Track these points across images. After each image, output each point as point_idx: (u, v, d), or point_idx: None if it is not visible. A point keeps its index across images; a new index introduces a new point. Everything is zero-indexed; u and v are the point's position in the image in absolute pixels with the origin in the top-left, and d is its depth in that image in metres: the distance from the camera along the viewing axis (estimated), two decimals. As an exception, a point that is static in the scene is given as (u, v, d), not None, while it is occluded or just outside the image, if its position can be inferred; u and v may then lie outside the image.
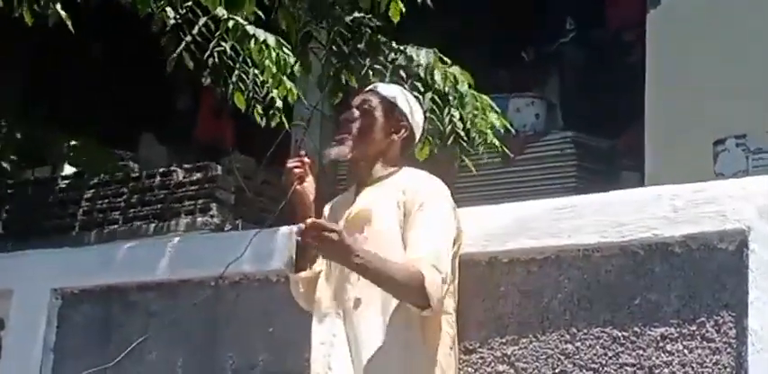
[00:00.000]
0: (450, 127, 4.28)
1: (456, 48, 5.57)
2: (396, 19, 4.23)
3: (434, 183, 3.23)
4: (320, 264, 3.32)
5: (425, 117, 4.22)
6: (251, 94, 4.02)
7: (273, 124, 4.11)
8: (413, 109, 3.35)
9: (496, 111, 4.45)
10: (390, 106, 3.30)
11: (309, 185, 3.33)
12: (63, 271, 4.60)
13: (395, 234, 3.15)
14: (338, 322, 3.19)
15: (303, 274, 3.33)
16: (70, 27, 3.93)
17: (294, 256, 3.37)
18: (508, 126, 4.40)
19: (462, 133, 4.29)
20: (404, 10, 4.26)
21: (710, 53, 5.64)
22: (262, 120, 4.09)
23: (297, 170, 3.31)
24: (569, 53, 7.29)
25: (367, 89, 3.41)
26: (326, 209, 3.43)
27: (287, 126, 4.12)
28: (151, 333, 4.18)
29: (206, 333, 4.08)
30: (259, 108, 4.02)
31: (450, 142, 4.29)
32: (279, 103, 4.00)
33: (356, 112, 3.29)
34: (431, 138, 4.29)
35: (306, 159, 3.34)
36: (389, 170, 3.28)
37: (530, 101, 6.78)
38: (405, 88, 3.78)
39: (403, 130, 3.30)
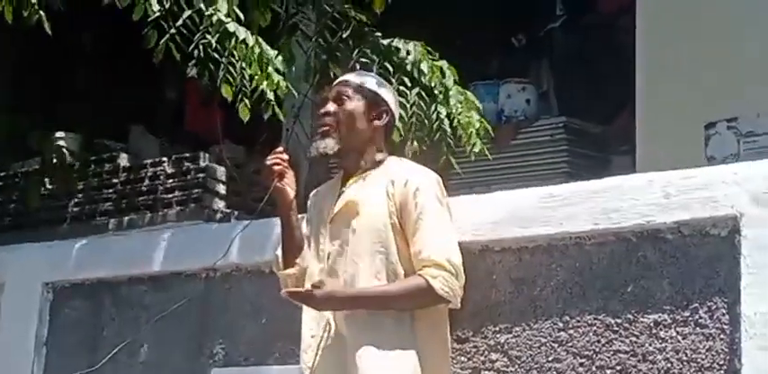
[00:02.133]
0: (437, 123, 4.23)
1: (446, 35, 5.54)
2: (378, 9, 4.19)
3: (422, 173, 3.22)
4: (307, 260, 3.30)
5: (413, 113, 4.20)
6: (239, 87, 3.96)
7: (266, 116, 4.05)
8: (388, 94, 3.35)
9: (479, 109, 4.39)
10: (368, 93, 3.28)
11: (290, 181, 3.31)
12: (54, 264, 4.58)
13: (384, 225, 3.13)
14: (328, 315, 3.18)
15: (289, 271, 3.32)
16: (48, 31, 3.92)
17: (280, 254, 3.36)
18: (488, 128, 4.35)
19: (449, 130, 4.25)
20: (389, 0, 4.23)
21: (702, 36, 5.60)
22: (248, 114, 4.00)
23: (276, 167, 3.28)
24: (560, 38, 7.25)
25: (338, 81, 3.37)
26: (310, 200, 3.41)
27: (281, 117, 4.07)
28: (143, 325, 4.17)
29: (198, 325, 4.07)
30: (247, 101, 3.95)
31: (436, 138, 4.25)
32: (270, 95, 3.95)
33: (333, 105, 3.27)
34: (417, 134, 4.23)
35: (284, 156, 3.31)
36: (376, 159, 3.26)
37: (521, 87, 6.73)
38: (390, 80, 3.75)
39: (384, 115, 3.28)
